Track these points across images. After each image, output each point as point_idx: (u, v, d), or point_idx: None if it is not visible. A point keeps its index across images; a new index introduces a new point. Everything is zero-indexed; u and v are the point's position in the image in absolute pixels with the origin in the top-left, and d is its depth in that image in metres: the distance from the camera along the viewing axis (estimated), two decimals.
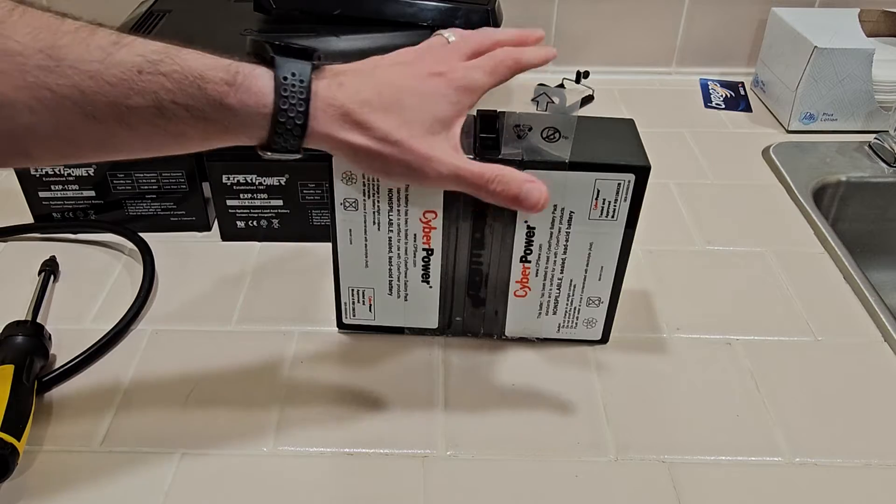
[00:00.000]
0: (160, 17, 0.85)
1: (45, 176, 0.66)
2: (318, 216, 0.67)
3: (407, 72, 0.42)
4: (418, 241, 0.52)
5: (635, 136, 0.51)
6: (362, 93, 0.40)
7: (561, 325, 0.56)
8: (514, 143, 0.48)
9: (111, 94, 0.34)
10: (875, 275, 0.69)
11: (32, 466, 0.47)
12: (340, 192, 0.50)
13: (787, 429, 0.51)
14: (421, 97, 0.41)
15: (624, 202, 0.49)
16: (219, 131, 0.38)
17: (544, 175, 0.47)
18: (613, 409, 0.52)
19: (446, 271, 0.53)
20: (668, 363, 0.56)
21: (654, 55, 1.00)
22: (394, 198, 0.50)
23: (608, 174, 0.48)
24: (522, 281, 0.53)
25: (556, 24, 0.97)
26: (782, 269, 0.65)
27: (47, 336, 0.55)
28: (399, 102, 0.41)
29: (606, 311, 0.55)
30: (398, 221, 0.51)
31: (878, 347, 0.58)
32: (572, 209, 0.50)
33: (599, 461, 0.49)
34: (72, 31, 0.34)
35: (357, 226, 0.51)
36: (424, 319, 0.56)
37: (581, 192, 0.49)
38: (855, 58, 0.82)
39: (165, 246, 0.66)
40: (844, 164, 0.80)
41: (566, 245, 0.51)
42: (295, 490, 0.46)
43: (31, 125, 0.34)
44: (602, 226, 0.50)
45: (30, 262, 0.64)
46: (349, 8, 0.82)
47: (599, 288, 0.54)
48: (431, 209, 0.50)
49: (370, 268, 0.53)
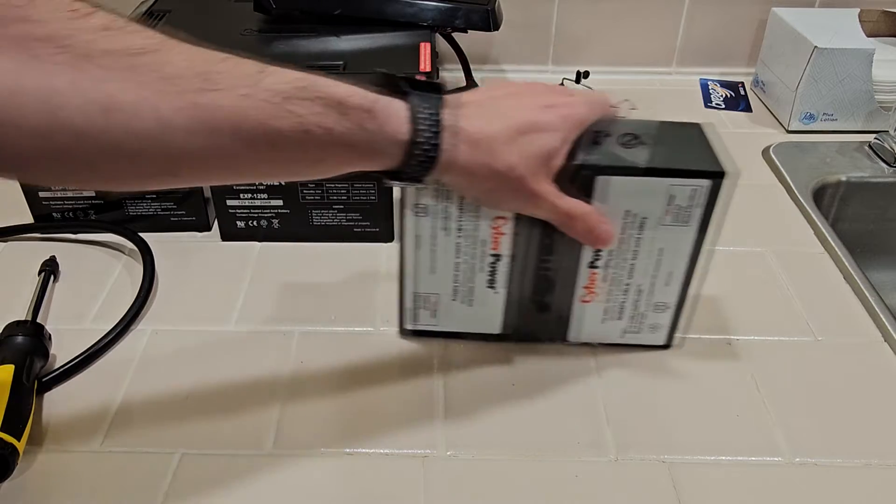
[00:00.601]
0: (160, 17, 0.85)
1: None
2: (318, 216, 0.67)
3: (524, 104, 0.45)
4: (487, 246, 0.51)
5: (705, 139, 0.51)
6: (487, 126, 0.42)
7: (625, 330, 0.56)
8: (591, 150, 0.48)
9: (263, 117, 0.36)
10: (875, 275, 0.68)
11: (32, 466, 0.47)
12: (412, 197, 0.49)
13: (787, 429, 0.51)
14: (538, 131, 0.44)
15: (697, 207, 0.49)
16: (354, 157, 0.40)
17: (618, 182, 0.48)
18: (613, 409, 0.52)
19: (513, 277, 0.53)
20: (667, 363, 0.56)
21: (654, 55, 1.00)
22: (466, 203, 0.49)
23: (684, 180, 0.48)
24: (590, 286, 0.53)
25: (556, 24, 0.97)
26: (782, 269, 0.65)
27: (47, 336, 0.55)
28: (520, 135, 0.43)
29: (672, 316, 0.55)
30: (468, 227, 0.50)
31: (878, 347, 0.58)
32: (644, 215, 0.49)
33: (599, 461, 0.49)
34: (222, 59, 0.36)
35: (426, 231, 0.51)
36: (487, 325, 0.56)
37: (655, 197, 0.48)
38: (855, 58, 0.82)
39: (165, 246, 0.66)
40: (844, 164, 0.80)
41: (636, 250, 0.51)
42: (295, 490, 0.46)
43: (187, 146, 0.35)
44: (673, 231, 0.50)
45: (30, 262, 0.64)
46: (349, 8, 0.82)
47: (667, 293, 0.53)
48: (502, 215, 0.50)
49: (436, 273, 0.53)
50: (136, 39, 0.33)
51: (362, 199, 0.66)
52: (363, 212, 0.67)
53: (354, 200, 0.66)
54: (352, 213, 0.67)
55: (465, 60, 0.89)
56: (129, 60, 0.32)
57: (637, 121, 0.50)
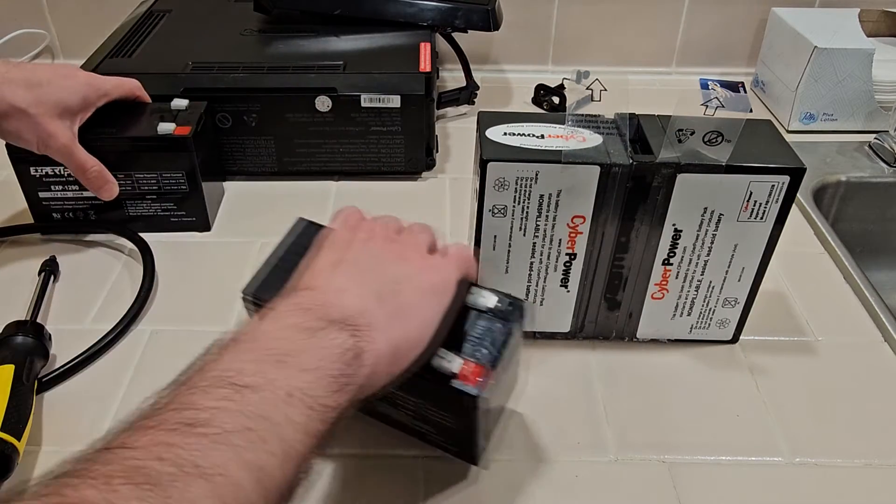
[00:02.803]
0: (160, 17, 0.85)
1: (46, 176, 0.66)
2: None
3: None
4: (563, 246, 0.52)
5: (778, 136, 0.51)
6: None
7: (694, 326, 0.56)
8: (674, 147, 0.48)
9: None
10: (875, 275, 0.68)
11: (32, 467, 0.47)
12: (491, 199, 0.49)
13: (787, 429, 0.51)
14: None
15: (775, 203, 0.49)
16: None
17: (699, 178, 0.48)
18: (613, 409, 0.52)
19: (586, 276, 0.53)
20: (667, 363, 0.56)
21: (654, 55, 1.00)
22: (544, 203, 0.49)
23: (764, 176, 0.48)
24: (661, 283, 0.53)
25: (556, 24, 0.97)
26: (782, 269, 0.65)
27: (47, 336, 0.55)
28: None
29: (741, 312, 0.55)
30: (545, 227, 0.51)
31: (878, 347, 0.58)
32: (722, 211, 0.50)
33: (599, 461, 0.49)
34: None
35: (503, 232, 0.51)
36: (557, 324, 0.56)
37: (733, 194, 0.49)
38: (855, 58, 0.82)
39: (165, 246, 0.66)
40: (844, 164, 0.80)
41: (710, 247, 0.52)
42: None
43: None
44: (750, 227, 0.50)
45: (30, 262, 0.64)
46: (349, 8, 0.82)
47: (737, 289, 0.54)
48: (580, 214, 0.50)
49: (510, 273, 0.53)
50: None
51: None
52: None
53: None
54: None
55: (465, 60, 0.89)
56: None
57: (726, 119, 0.49)
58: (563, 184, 0.49)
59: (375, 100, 0.72)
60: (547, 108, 0.92)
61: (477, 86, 0.89)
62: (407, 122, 0.73)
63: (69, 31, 1.00)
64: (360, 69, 0.74)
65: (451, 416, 0.43)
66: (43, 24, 0.99)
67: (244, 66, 0.74)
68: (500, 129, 0.50)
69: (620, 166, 0.48)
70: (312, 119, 0.73)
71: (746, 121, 0.51)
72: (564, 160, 0.48)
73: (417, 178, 0.78)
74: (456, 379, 0.40)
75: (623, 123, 0.51)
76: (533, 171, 0.48)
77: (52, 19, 0.99)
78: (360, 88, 0.72)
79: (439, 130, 0.84)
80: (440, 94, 0.86)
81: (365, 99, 0.72)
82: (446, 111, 0.90)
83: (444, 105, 0.87)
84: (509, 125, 0.51)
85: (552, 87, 0.93)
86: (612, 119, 0.52)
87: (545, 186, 0.49)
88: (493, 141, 0.49)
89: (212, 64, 0.74)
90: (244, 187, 0.76)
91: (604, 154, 0.48)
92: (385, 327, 0.37)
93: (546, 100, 0.92)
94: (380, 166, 0.77)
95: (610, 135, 0.50)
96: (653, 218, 0.50)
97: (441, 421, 0.44)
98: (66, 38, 1.00)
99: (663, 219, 0.50)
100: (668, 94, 0.97)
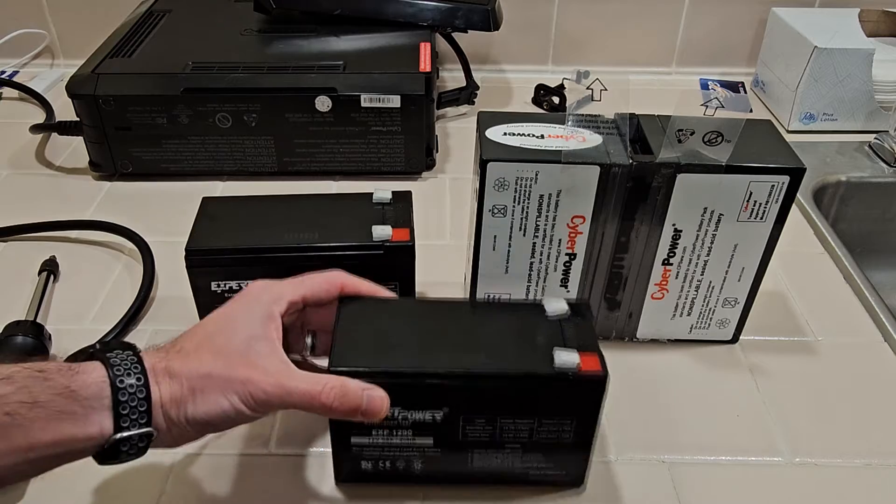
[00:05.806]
0: (160, 17, 0.85)
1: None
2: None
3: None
4: (563, 246, 0.52)
5: (778, 136, 0.51)
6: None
7: (693, 326, 0.56)
8: (674, 147, 0.48)
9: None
10: (875, 275, 0.68)
11: None
12: (491, 199, 0.50)
13: (787, 429, 0.51)
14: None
15: (775, 203, 0.49)
16: (66, 420, 0.36)
17: (699, 178, 0.48)
18: (613, 409, 0.52)
19: (586, 276, 0.53)
20: (667, 363, 0.56)
21: (654, 55, 1.00)
22: (544, 203, 0.50)
23: (764, 176, 0.48)
24: (661, 283, 0.54)
25: (556, 24, 0.97)
26: (782, 269, 0.65)
27: (47, 336, 0.55)
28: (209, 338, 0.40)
29: (741, 312, 0.56)
30: (545, 227, 0.51)
31: (878, 347, 0.58)
32: (722, 211, 0.50)
33: (599, 461, 0.49)
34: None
35: (502, 232, 0.51)
36: None
37: (733, 194, 0.49)
38: (855, 58, 0.82)
39: (165, 246, 0.66)
40: (844, 164, 0.80)
41: (710, 247, 0.52)
42: (295, 490, 0.46)
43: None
44: (750, 227, 0.51)
45: (30, 262, 0.64)
46: (349, 8, 0.82)
47: (737, 289, 0.54)
48: (580, 214, 0.50)
49: (509, 273, 0.53)
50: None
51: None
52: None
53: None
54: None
55: (465, 60, 0.89)
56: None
57: (726, 119, 0.49)
58: (563, 184, 0.49)
59: (375, 100, 0.72)
60: (547, 108, 0.92)
61: (477, 86, 0.89)
62: (407, 122, 0.73)
63: (69, 31, 1.00)
64: (360, 69, 0.74)
65: (572, 418, 0.43)
66: (43, 24, 0.99)
67: (244, 65, 0.74)
68: (500, 129, 0.50)
69: (620, 166, 0.48)
70: (312, 119, 0.73)
71: (746, 121, 0.51)
72: (564, 160, 0.48)
73: (417, 178, 0.78)
74: (580, 369, 0.41)
75: (623, 123, 0.51)
76: (533, 171, 0.48)
77: (52, 19, 0.99)
78: (360, 88, 0.72)
79: (439, 130, 0.84)
80: (440, 94, 0.86)
81: (365, 99, 0.72)
82: (446, 111, 0.90)
83: (444, 105, 0.88)
84: (509, 125, 0.51)
85: (552, 87, 0.93)
86: (612, 119, 0.52)
87: (545, 186, 0.49)
88: (493, 141, 0.49)
89: (212, 64, 0.74)
90: (244, 187, 0.76)
91: (604, 154, 0.48)
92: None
93: (546, 100, 0.92)
94: (380, 166, 0.77)
95: (610, 135, 0.50)
96: (653, 218, 0.50)
97: (555, 437, 0.43)
98: (66, 38, 1.00)
99: (663, 219, 0.50)
100: (668, 94, 0.96)
